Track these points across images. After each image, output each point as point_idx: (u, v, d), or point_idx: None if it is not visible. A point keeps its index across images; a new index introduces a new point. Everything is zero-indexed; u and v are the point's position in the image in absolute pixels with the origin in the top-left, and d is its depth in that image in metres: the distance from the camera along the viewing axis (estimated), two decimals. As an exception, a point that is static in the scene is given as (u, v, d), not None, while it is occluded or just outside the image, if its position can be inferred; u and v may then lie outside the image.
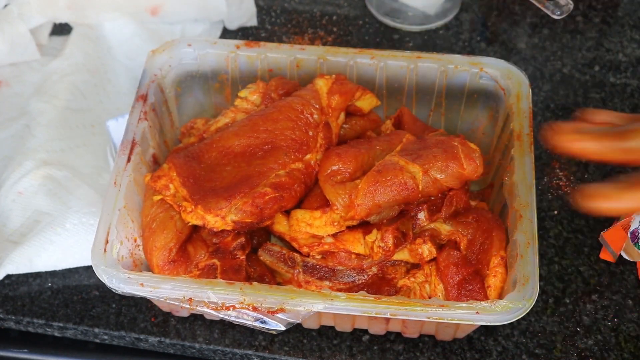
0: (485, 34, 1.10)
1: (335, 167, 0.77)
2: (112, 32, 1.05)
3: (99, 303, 0.85)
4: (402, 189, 0.75)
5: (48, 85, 0.99)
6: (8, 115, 0.99)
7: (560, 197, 0.93)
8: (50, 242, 0.85)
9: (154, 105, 0.85)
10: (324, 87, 0.84)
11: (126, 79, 1.03)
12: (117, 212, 0.76)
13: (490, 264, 0.75)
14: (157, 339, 0.83)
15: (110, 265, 0.72)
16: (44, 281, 0.87)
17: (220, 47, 0.89)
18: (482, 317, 0.69)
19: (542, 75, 1.05)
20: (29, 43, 1.03)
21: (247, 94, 0.86)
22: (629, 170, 0.59)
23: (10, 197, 0.88)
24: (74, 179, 0.89)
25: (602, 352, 0.81)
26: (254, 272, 0.78)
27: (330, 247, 0.77)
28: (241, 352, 0.82)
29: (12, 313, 0.85)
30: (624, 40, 1.09)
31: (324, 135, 0.81)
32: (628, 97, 1.02)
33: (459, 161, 0.77)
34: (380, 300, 0.70)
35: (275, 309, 0.71)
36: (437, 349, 0.81)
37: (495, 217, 0.79)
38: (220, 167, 0.79)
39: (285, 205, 0.77)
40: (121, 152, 0.80)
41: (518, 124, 0.81)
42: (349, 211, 0.75)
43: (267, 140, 0.80)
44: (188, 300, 0.71)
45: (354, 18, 1.12)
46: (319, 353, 0.81)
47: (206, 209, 0.75)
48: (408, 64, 0.87)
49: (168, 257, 0.76)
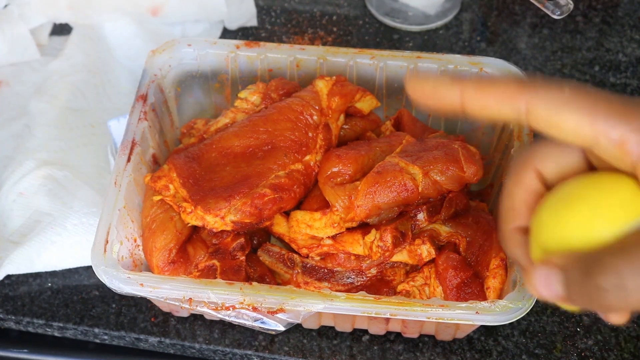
0: (485, 34, 1.10)
1: (335, 168, 0.77)
2: (113, 32, 1.05)
3: (99, 303, 0.85)
4: (401, 190, 0.75)
5: (48, 85, 0.99)
6: (8, 115, 0.99)
7: (560, 197, 0.93)
8: (50, 242, 0.85)
9: (154, 106, 0.85)
10: (324, 89, 0.84)
11: (126, 79, 1.03)
12: (117, 212, 0.76)
13: (489, 266, 0.75)
14: (157, 339, 0.83)
15: (110, 265, 0.72)
16: (44, 281, 0.87)
17: (220, 47, 0.89)
18: (482, 317, 0.69)
19: (542, 75, 1.05)
20: (29, 43, 1.03)
21: (247, 95, 0.86)
22: None
23: (11, 197, 0.88)
24: (74, 179, 0.89)
25: (602, 352, 0.81)
26: (254, 272, 0.79)
27: (330, 249, 0.77)
28: (241, 352, 0.82)
29: (12, 313, 0.85)
30: (624, 40, 1.09)
31: (323, 137, 0.81)
32: (628, 97, 1.02)
33: (459, 164, 0.77)
34: (380, 300, 0.70)
35: (275, 309, 0.71)
36: (437, 349, 0.81)
37: (495, 219, 0.79)
38: (220, 168, 0.79)
39: (284, 207, 0.77)
40: (121, 152, 0.80)
41: (518, 124, 0.81)
42: (349, 212, 0.75)
43: (266, 141, 0.80)
44: (188, 301, 0.71)
45: (354, 18, 1.13)
46: (319, 353, 0.81)
47: (206, 210, 0.75)
48: (408, 64, 0.87)
49: (168, 257, 0.76)
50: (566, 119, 0.42)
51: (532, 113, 0.43)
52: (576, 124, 0.42)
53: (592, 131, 0.41)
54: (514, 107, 0.43)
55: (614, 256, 0.39)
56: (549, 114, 0.42)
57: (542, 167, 0.46)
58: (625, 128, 0.41)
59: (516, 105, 0.43)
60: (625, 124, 0.41)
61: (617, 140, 0.41)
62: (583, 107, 0.42)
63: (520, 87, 0.43)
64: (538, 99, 0.43)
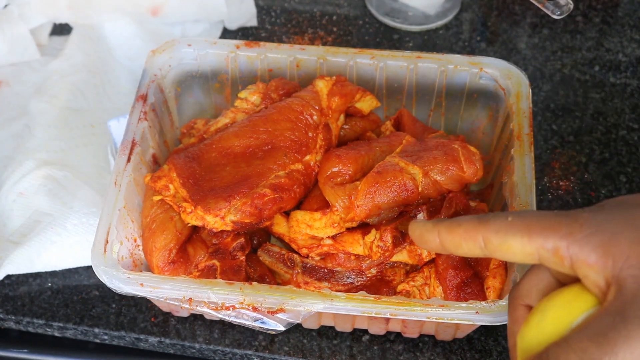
0: (485, 34, 1.10)
1: (335, 168, 0.77)
2: (113, 32, 1.05)
3: (99, 303, 0.85)
4: (401, 190, 0.75)
5: (48, 85, 0.99)
6: (8, 115, 0.99)
7: (560, 197, 0.93)
8: (50, 242, 0.85)
9: (154, 106, 0.85)
10: (324, 89, 0.84)
11: (126, 79, 1.03)
12: (117, 212, 0.76)
13: (489, 266, 0.75)
14: (157, 339, 0.83)
15: (110, 265, 0.72)
16: (44, 281, 0.87)
17: (220, 47, 0.89)
18: (482, 317, 0.69)
19: (542, 75, 1.05)
20: (29, 43, 1.03)
21: (247, 95, 0.86)
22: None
23: (11, 197, 0.88)
24: (74, 179, 0.89)
25: (602, 352, 0.81)
26: (254, 272, 0.79)
27: (330, 249, 0.77)
28: (241, 352, 0.82)
29: (12, 313, 0.85)
30: (624, 40, 1.09)
31: (323, 137, 0.81)
32: (628, 97, 1.02)
33: (459, 164, 0.77)
34: (380, 300, 0.70)
35: (275, 309, 0.71)
36: (437, 349, 0.81)
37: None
38: (220, 168, 0.79)
39: (284, 207, 0.77)
40: (121, 152, 0.80)
41: (518, 124, 0.81)
42: (349, 213, 0.75)
43: (266, 141, 0.80)
44: (188, 301, 0.71)
45: (354, 18, 1.13)
46: (319, 353, 0.81)
47: (206, 210, 0.75)
48: (408, 64, 0.87)
49: (168, 258, 0.76)
50: (512, 244, 0.48)
51: (488, 246, 0.50)
52: (520, 245, 0.48)
53: (533, 248, 0.47)
54: (475, 243, 0.50)
55: (556, 345, 0.45)
56: (500, 242, 0.49)
57: (529, 301, 0.52)
58: (555, 237, 0.46)
59: (477, 241, 0.50)
60: (555, 234, 0.46)
61: (551, 250, 0.47)
62: (522, 229, 0.48)
63: (477, 223, 0.50)
64: (489, 232, 0.49)
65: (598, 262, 0.45)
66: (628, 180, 0.94)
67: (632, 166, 0.96)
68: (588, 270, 0.46)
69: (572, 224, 0.46)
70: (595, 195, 0.93)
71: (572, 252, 0.46)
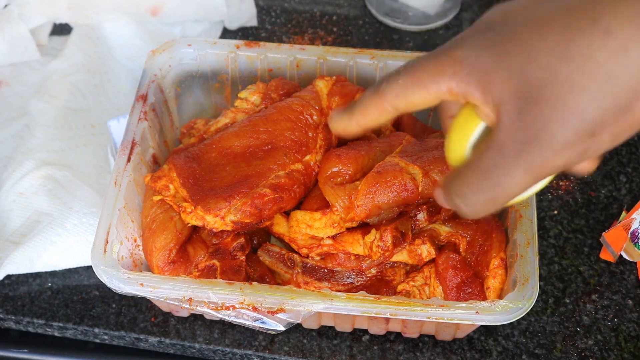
0: (485, 34, 1.10)
1: (335, 168, 0.77)
2: (113, 32, 1.05)
3: (99, 303, 0.85)
4: (402, 190, 0.75)
5: (48, 85, 0.99)
6: (8, 115, 0.99)
7: (560, 197, 0.93)
8: (50, 242, 0.85)
9: (154, 106, 0.85)
10: (324, 89, 0.84)
11: (126, 79, 1.03)
12: (117, 212, 0.76)
13: (489, 266, 0.75)
14: (157, 339, 0.83)
15: (110, 265, 0.72)
16: (44, 281, 0.87)
17: (220, 47, 0.89)
18: (482, 317, 0.69)
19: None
20: (29, 43, 1.03)
21: (247, 95, 0.86)
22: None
23: (11, 198, 0.88)
24: (74, 179, 0.89)
25: (602, 352, 0.81)
26: (254, 272, 0.79)
27: (330, 249, 0.77)
28: (241, 352, 0.82)
29: (12, 313, 0.85)
30: (624, 40, 1.09)
31: (323, 137, 0.81)
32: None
33: (459, 163, 0.77)
34: (380, 300, 0.70)
35: (275, 309, 0.71)
36: (437, 349, 0.81)
37: (494, 219, 0.79)
38: (220, 168, 0.79)
39: (284, 206, 0.77)
40: (121, 152, 0.80)
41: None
42: (349, 212, 0.75)
43: (266, 141, 0.80)
44: (188, 301, 0.71)
45: (354, 18, 1.13)
46: (319, 353, 0.81)
47: (206, 210, 0.75)
48: (408, 64, 0.87)
49: (168, 258, 0.76)
50: (414, 100, 0.52)
51: (397, 109, 0.54)
52: (421, 98, 0.52)
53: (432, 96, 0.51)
54: (387, 113, 0.55)
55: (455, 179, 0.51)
56: (405, 103, 0.53)
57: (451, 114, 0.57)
58: (444, 80, 0.50)
59: (387, 111, 0.54)
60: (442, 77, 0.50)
61: (446, 91, 0.50)
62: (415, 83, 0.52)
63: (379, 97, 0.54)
64: (392, 98, 0.53)
65: (481, 98, 0.48)
66: (628, 180, 0.94)
67: (632, 166, 0.96)
68: (477, 102, 0.49)
69: (454, 64, 0.50)
70: (595, 195, 0.93)
71: (461, 89, 0.49)
